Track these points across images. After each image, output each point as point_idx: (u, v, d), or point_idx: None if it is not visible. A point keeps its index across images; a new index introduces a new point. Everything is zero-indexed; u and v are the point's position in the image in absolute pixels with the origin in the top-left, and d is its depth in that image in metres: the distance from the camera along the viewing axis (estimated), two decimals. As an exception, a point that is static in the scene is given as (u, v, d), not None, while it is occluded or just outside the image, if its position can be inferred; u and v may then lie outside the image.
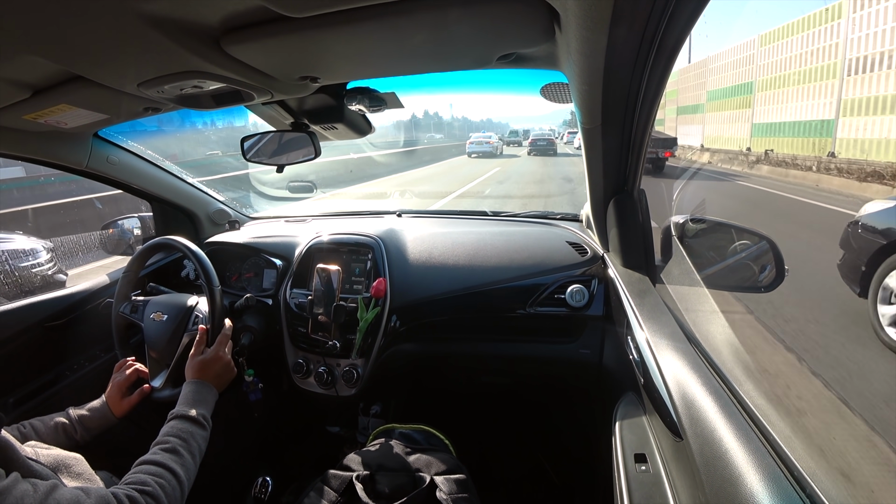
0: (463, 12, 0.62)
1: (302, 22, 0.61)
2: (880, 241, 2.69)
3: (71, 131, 1.09)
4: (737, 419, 0.55)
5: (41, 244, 3.07)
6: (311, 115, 1.16)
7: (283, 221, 1.77)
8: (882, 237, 2.70)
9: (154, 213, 1.61)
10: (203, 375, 0.98)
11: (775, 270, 0.98)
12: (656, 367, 0.73)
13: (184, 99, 0.87)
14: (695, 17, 0.56)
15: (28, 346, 1.18)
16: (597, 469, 1.12)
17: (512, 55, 0.79)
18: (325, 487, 0.91)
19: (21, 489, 0.55)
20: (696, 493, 0.55)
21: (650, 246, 1.10)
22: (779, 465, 0.48)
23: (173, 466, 0.76)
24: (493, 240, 1.41)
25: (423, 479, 0.91)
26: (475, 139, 22.00)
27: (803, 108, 13.28)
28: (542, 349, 1.31)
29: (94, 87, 0.80)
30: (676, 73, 15.95)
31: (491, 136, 22.54)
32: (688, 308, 0.98)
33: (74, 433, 0.93)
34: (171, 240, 1.18)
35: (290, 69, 0.82)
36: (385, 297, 1.28)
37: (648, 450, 0.72)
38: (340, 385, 1.28)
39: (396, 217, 1.69)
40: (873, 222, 2.79)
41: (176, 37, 0.62)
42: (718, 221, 1.14)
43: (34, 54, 0.65)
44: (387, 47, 0.75)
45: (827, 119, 12.18)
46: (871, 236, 2.76)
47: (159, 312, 1.14)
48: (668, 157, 11.65)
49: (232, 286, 1.49)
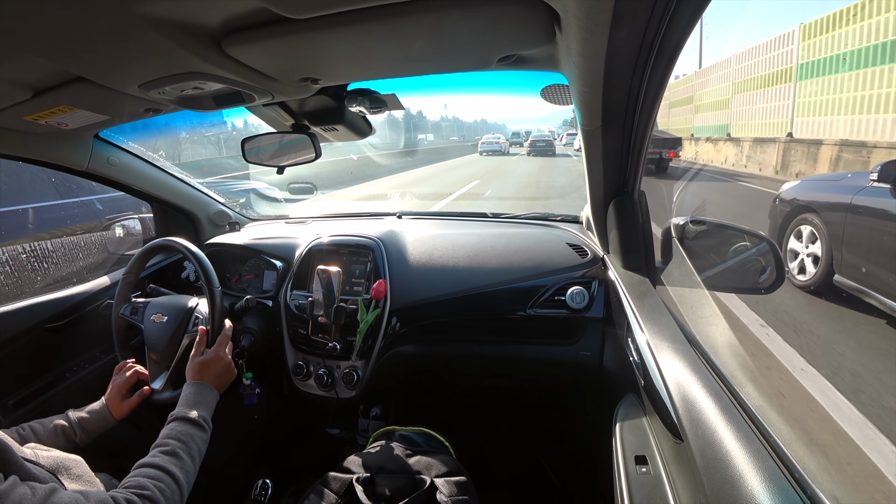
0: (463, 14, 0.62)
1: (303, 23, 0.61)
2: (786, 209, 3.88)
3: (72, 132, 1.09)
4: (737, 421, 0.55)
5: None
6: (311, 117, 1.16)
7: (283, 223, 1.77)
8: (788, 206, 3.86)
9: (154, 214, 1.61)
10: (203, 377, 0.98)
11: (776, 272, 0.98)
12: (656, 369, 0.73)
13: (185, 100, 0.87)
14: (695, 18, 0.56)
15: (28, 348, 1.17)
16: (597, 471, 1.12)
17: (512, 57, 0.79)
18: (325, 490, 0.91)
19: (19, 492, 0.55)
20: (696, 494, 0.55)
21: (650, 247, 1.10)
22: (779, 466, 0.48)
23: (172, 469, 0.75)
24: (494, 241, 1.41)
25: (424, 482, 0.91)
26: (486, 140, 24.70)
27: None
28: (542, 351, 1.30)
29: (95, 88, 0.80)
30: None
31: (500, 137, 25.40)
32: (688, 309, 0.98)
33: (74, 436, 0.93)
34: (171, 241, 1.18)
35: (290, 70, 0.82)
36: (385, 299, 1.28)
37: (649, 451, 0.72)
38: (340, 387, 1.28)
39: (396, 219, 1.70)
40: (785, 196, 3.94)
41: (177, 38, 0.62)
42: (718, 223, 1.14)
43: (35, 55, 0.65)
44: (387, 49, 0.75)
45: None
46: (782, 207, 3.94)
47: (159, 314, 1.14)
48: (672, 157, 11.48)
49: (232, 288, 1.48)
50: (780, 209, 3.94)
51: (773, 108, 13.11)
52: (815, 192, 3.68)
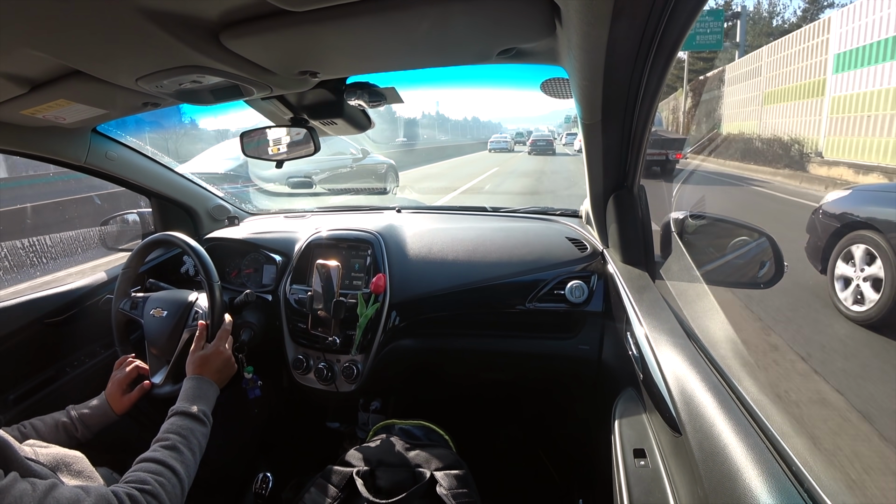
0: (463, 7, 0.61)
1: (301, 16, 0.61)
2: (835, 225, 3.19)
3: (69, 126, 1.09)
4: (735, 415, 0.55)
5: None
6: (310, 111, 1.15)
7: (282, 217, 1.76)
8: (837, 221, 3.18)
9: (153, 209, 1.60)
10: (203, 371, 0.98)
11: (774, 266, 0.99)
12: (655, 363, 0.73)
13: (183, 94, 0.87)
14: (696, 12, 0.56)
15: (28, 343, 1.17)
16: (596, 464, 1.13)
17: (512, 50, 0.78)
18: (325, 483, 0.91)
19: (20, 488, 0.55)
20: (694, 488, 0.55)
21: (650, 242, 1.10)
22: (777, 460, 0.48)
23: (173, 464, 0.76)
24: (493, 235, 1.41)
25: (423, 475, 0.91)
26: (495, 139, 29.03)
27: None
28: (541, 345, 1.31)
29: (93, 82, 0.79)
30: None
31: (507, 136, 30.13)
32: (687, 304, 0.98)
33: (75, 431, 0.93)
34: (170, 236, 1.17)
35: (289, 64, 0.82)
36: (385, 293, 1.28)
37: (647, 445, 0.72)
38: (340, 381, 1.28)
39: (396, 213, 1.69)
40: (831, 209, 3.28)
41: (175, 31, 0.61)
42: (718, 217, 1.14)
43: (32, 49, 0.65)
44: (387, 42, 0.75)
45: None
46: (829, 221, 3.27)
47: (159, 308, 1.14)
48: (679, 158, 10.70)
49: (231, 282, 1.48)
50: (825, 224, 3.23)
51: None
52: (876, 207, 2.97)
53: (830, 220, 3.22)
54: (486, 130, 70.40)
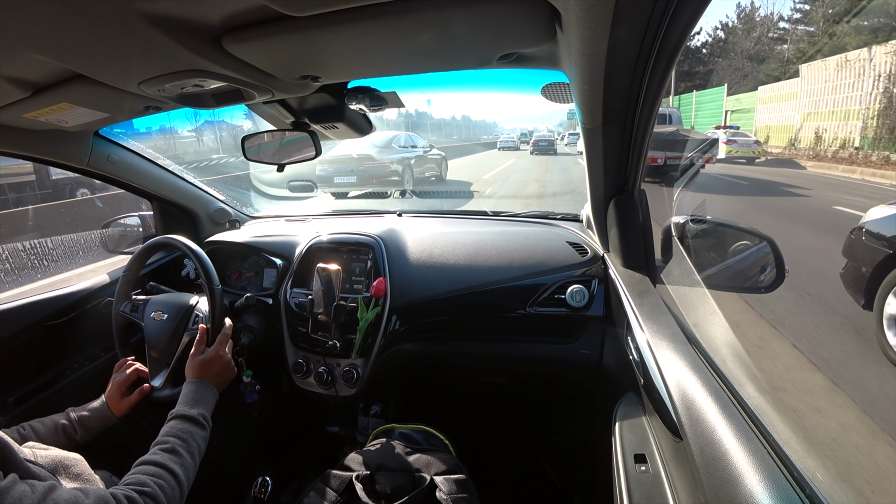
0: (464, 12, 0.62)
1: (303, 21, 0.61)
2: (886, 251, 2.46)
3: (72, 130, 1.09)
4: (737, 420, 0.55)
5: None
6: (311, 115, 1.16)
7: (283, 221, 1.77)
8: (888, 246, 2.46)
9: (154, 212, 1.61)
10: (203, 375, 0.98)
11: (776, 271, 0.98)
12: (656, 368, 0.73)
13: (185, 98, 0.87)
14: (696, 17, 0.56)
15: (28, 345, 1.18)
16: (596, 469, 1.12)
17: (513, 55, 0.79)
18: (325, 487, 0.91)
19: (19, 490, 0.55)
20: (695, 493, 0.55)
21: (650, 246, 1.10)
22: (778, 465, 0.48)
23: (172, 467, 0.76)
24: (494, 239, 1.41)
25: (423, 479, 0.91)
26: (503, 138, 32.16)
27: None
28: (542, 349, 1.31)
29: (95, 86, 0.79)
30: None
31: (514, 137, 32.40)
32: (688, 308, 0.98)
33: (74, 433, 0.93)
34: (171, 239, 1.17)
35: (291, 68, 0.82)
36: (385, 297, 1.28)
37: (648, 450, 0.72)
38: (340, 385, 1.28)
39: (396, 217, 1.70)
40: (879, 229, 2.54)
41: (177, 35, 0.62)
42: (719, 222, 1.14)
43: (35, 52, 0.65)
44: (388, 47, 0.75)
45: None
46: (876, 244, 2.53)
47: (159, 311, 1.14)
48: (710, 162, 9.17)
49: (232, 285, 1.49)
50: (870, 248, 2.54)
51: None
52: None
53: (878, 243, 2.52)
54: (484, 131, 71.17)
